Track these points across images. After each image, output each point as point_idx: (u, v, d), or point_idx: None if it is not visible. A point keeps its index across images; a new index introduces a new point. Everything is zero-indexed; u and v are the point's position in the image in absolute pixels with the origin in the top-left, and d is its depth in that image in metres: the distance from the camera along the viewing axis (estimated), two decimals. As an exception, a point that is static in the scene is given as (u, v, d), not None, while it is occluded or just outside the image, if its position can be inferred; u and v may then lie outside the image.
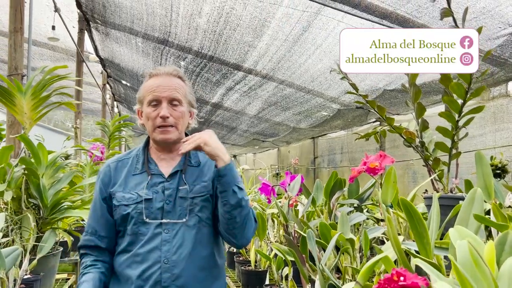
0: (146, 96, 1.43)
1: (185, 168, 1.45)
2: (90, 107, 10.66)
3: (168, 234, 1.36)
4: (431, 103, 4.48)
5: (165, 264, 1.33)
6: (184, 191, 1.40)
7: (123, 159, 1.50)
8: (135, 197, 1.38)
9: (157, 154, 1.48)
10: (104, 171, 1.47)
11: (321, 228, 1.45)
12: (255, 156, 13.50)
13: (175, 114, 1.42)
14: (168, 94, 1.41)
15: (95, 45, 6.35)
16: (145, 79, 1.49)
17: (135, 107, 1.50)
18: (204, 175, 1.46)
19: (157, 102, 1.41)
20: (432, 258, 1.05)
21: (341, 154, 7.66)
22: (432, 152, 1.95)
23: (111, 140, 4.46)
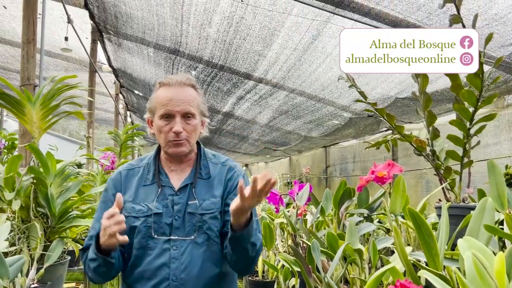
0: (158, 108, 1.39)
1: (195, 181, 1.42)
2: (104, 116, 10.79)
3: (177, 251, 1.33)
4: (443, 111, 4.42)
5: (174, 282, 1.31)
6: (193, 206, 1.37)
7: (134, 167, 1.47)
8: (145, 209, 1.36)
9: (168, 165, 1.45)
10: (116, 178, 1.45)
11: (328, 238, 1.42)
12: (267, 165, 13.48)
13: (188, 128, 1.39)
14: (182, 109, 1.37)
15: (108, 56, 6.43)
16: (155, 88, 1.46)
17: (145, 115, 1.47)
18: (214, 189, 1.42)
19: (170, 116, 1.38)
20: (441, 270, 1.01)
21: (353, 163, 7.61)
22: (443, 161, 1.92)
23: (123, 149, 4.49)
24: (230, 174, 1.47)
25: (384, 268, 1.05)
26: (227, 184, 1.45)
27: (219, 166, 1.48)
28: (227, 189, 1.44)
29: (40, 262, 1.72)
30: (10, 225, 1.37)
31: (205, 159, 1.49)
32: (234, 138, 9.24)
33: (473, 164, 1.88)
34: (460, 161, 1.82)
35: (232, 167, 1.50)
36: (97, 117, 10.15)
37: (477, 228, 1.09)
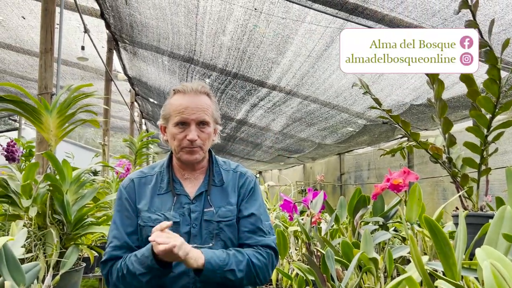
0: (173, 116, 1.40)
1: (210, 189, 1.42)
2: (119, 124, 10.92)
3: None
4: (459, 118, 4.36)
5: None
6: (209, 213, 1.38)
7: (146, 175, 1.47)
8: (162, 219, 1.35)
9: (181, 173, 1.46)
10: (129, 185, 1.45)
11: (343, 247, 1.41)
12: (281, 172, 13.44)
13: (202, 136, 1.40)
14: (197, 117, 1.38)
15: (123, 64, 6.52)
16: (170, 95, 1.47)
17: (159, 122, 1.48)
18: (230, 196, 1.43)
19: (185, 124, 1.39)
20: (459, 280, 0.99)
21: (368, 170, 7.54)
22: (460, 169, 1.88)
23: (138, 156, 4.53)
24: (242, 181, 1.48)
25: (400, 277, 1.03)
26: (240, 192, 1.46)
27: (231, 173, 1.49)
28: (240, 196, 1.45)
29: (56, 268, 1.74)
30: (27, 231, 1.39)
31: (217, 166, 1.50)
32: (248, 145, 9.25)
33: (491, 171, 1.84)
34: (478, 168, 1.79)
35: (244, 173, 1.51)
36: (112, 125, 10.28)
37: (495, 237, 1.07)
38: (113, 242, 1.38)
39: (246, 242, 1.40)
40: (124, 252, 1.35)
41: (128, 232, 1.38)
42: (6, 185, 1.78)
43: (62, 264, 1.71)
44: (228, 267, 1.28)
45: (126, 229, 1.38)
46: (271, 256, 1.39)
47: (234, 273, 1.29)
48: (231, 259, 1.30)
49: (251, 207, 1.44)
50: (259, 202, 1.48)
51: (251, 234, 1.40)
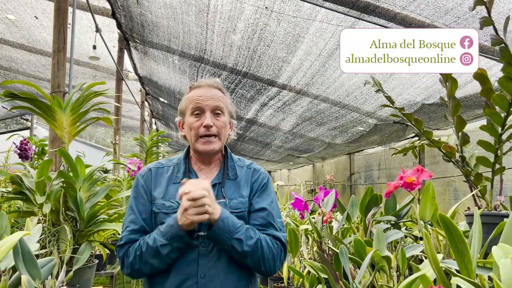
0: (189, 105, 1.46)
1: (224, 181, 1.46)
2: (130, 124, 11.00)
3: (205, 248, 1.35)
4: (472, 117, 4.32)
5: (202, 279, 1.33)
6: (222, 204, 1.39)
7: (164, 166, 1.51)
8: (175, 205, 1.38)
9: (198, 165, 1.50)
10: (146, 174, 1.49)
11: (355, 245, 1.40)
12: (290, 172, 13.43)
13: (218, 123, 1.44)
14: (211, 103, 1.44)
15: (134, 64, 6.56)
16: (186, 92, 1.53)
17: (176, 119, 1.54)
18: (242, 189, 1.46)
19: (200, 111, 1.44)
20: (474, 278, 0.98)
21: (379, 170, 7.50)
22: (473, 167, 1.87)
23: (148, 155, 4.56)
24: (256, 176, 1.52)
25: (414, 275, 1.03)
26: (253, 185, 1.49)
27: (244, 169, 1.53)
28: (253, 191, 1.48)
29: (69, 265, 1.76)
30: (41, 227, 1.40)
31: (232, 161, 1.54)
32: (257, 145, 9.25)
33: (505, 171, 1.82)
34: (492, 167, 1.77)
35: (257, 170, 1.55)
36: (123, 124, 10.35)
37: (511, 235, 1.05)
38: (130, 226, 1.41)
39: None
40: (140, 236, 1.38)
41: (144, 218, 1.41)
42: (21, 182, 1.80)
43: (76, 260, 1.73)
44: (238, 235, 1.31)
45: (142, 215, 1.41)
46: (280, 248, 1.41)
47: (241, 243, 1.31)
48: (243, 230, 1.33)
49: (263, 202, 1.46)
50: (271, 198, 1.50)
51: (263, 228, 1.42)
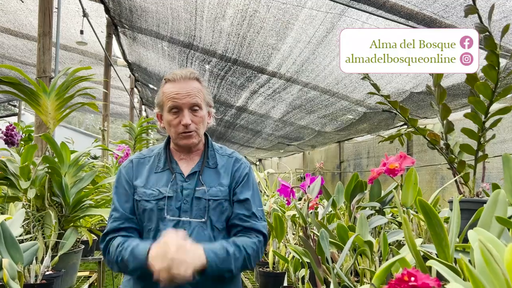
0: (166, 102, 1.46)
1: (202, 169, 1.48)
2: (119, 110, 10.91)
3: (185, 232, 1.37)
4: (459, 106, 4.36)
5: None
6: (201, 191, 1.44)
7: (145, 157, 1.54)
8: (156, 193, 1.43)
9: (178, 155, 1.52)
10: (128, 166, 1.52)
11: (338, 230, 1.42)
12: (281, 160, 13.47)
13: (196, 120, 1.45)
14: (188, 101, 1.44)
15: (122, 50, 6.49)
16: (161, 84, 1.53)
17: (155, 111, 1.55)
18: (222, 178, 1.49)
19: (177, 109, 1.44)
20: (451, 261, 1.00)
21: (368, 158, 7.55)
22: (457, 155, 1.89)
23: (137, 142, 4.54)
24: (237, 165, 1.54)
25: (393, 258, 1.05)
26: (234, 175, 1.51)
27: (225, 158, 1.56)
28: (234, 180, 1.51)
29: (55, 250, 1.76)
30: (25, 212, 1.40)
31: (212, 150, 1.56)
32: (248, 132, 9.25)
33: (489, 159, 1.85)
34: (475, 155, 1.80)
35: (239, 159, 1.57)
36: (112, 111, 10.27)
37: (489, 220, 1.08)
38: (113, 215, 1.45)
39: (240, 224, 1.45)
40: (122, 223, 1.42)
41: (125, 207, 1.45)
42: (5, 167, 1.79)
43: (61, 246, 1.73)
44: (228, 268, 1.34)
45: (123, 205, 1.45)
46: (261, 243, 1.46)
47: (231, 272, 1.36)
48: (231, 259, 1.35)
49: (246, 192, 1.49)
50: (253, 188, 1.54)
51: (246, 218, 1.46)
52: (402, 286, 0.71)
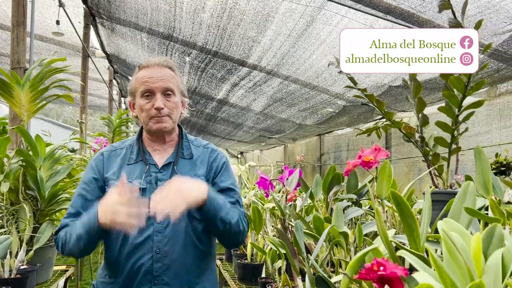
0: (139, 87, 1.42)
1: (177, 160, 1.46)
2: (98, 102, 10.74)
3: (160, 224, 1.37)
4: (436, 100, 4.44)
5: (157, 254, 1.34)
6: None
7: (116, 149, 1.51)
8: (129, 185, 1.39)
9: (151, 145, 1.49)
10: (98, 158, 1.48)
11: (314, 221, 1.44)
12: (262, 152, 13.50)
13: (169, 104, 1.42)
14: (161, 85, 1.41)
15: (101, 41, 6.37)
16: (135, 72, 1.49)
17: (127, 99, 1.51)
18: (197, 169, 1.47)
19: (150, 93, 1.41)
20: (422, 251, 1.03)
21: (347, 151, 7.63)
22: (432, 147, 1.93)
23: (116, 134, 4.48)
24: (214, 156, 1.52)
25: (366, 249, 1.07)
26: (212, 165, 1.50)
27: (201, 149, 1.54)
28: (212, 170, 1.49)
29: (30, 244, 1.73)
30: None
31: (187, 141, 1.53)
32: (229, 125, 9.23)
33: (465, 152, 1.90)
34: (448, 147, 1.84)
35: (215, 150, 1.56)
36: (91, 103, 10.10)
37: (458, 211, 1.11)
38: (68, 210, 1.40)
39: None
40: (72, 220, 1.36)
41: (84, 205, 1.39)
42: (-23, 160, 1.75)
43: (36, 240, 1.71)
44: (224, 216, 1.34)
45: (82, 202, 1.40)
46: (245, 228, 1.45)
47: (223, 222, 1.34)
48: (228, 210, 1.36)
49: (227, 180, 1.49)
50: (233, 177, 1.53)
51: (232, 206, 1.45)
52: (371, 275, 0.73)
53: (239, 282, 2.09)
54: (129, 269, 1.34)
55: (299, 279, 1.26)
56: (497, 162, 2.70)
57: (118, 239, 1.37)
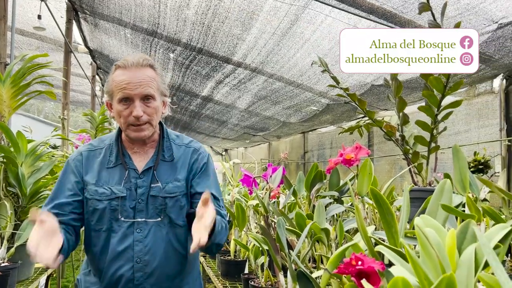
0: (116, 92, 1.34)
1: (157, 164, 1.40)
2: (80, 98, 10.58)
3: (140, 233, 1.34)
4: (417, 99, 4.51)
5: (138, 264, 1.33)
6: (156, 189, 1.36)
7: (95, 148, 1.43)
8: (108, 192, 1.34)
9: (131, 147, 1.42)
10: (77, 158, 1.41)
11: (296, 218, 1.46)
12: (246, 150, 13.52)
13: (148, 111, 1.34)
14: (140, 91, 1.32)
15: (83, 36, 6.29)
16: (111, 71, 1.40)
17: (104, 99, 1.44)
18: (178, 172, 1.41)
19: (128, 100, 1.33)
20: (400, 247, 1.06)
21: (331, 149, 7.70)
22: (412, 146, 1.98)
23: (98, 131, 4.44)
24: (195, 157, 1.46)
25: (346, 244, 1.10)
26: (192, 167, 1.44)
27: (183, 148, 1.47)
28: (192, 172, 1.43)
29: (11, 241, 1.72)
30: (-22, 203, 1.36)
31: (168, 141, 1.46)
32: (213, 122, 9.22)
33: (444, 150, 1.94)
34: (428, 146, 1.88)
35: (197, 149, 1.48)
36: (73, 99, 9.95)
37: (435, 208, 1.14)
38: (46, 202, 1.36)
39: None
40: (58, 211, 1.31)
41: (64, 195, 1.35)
42: (-43, 156, 1.72)
43: (17, 237, 1.69)
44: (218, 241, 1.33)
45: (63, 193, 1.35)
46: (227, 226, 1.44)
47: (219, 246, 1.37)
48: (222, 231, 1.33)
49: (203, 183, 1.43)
50: (211, 178, 1.47)
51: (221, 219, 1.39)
52: (350, 269, 0.75)
53: (222, 278, 2.11)
54: (110, 277, 1.32)
55: (281, 275, 1.28)
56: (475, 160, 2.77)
57: (98, 246, 1.35)
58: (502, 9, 2.73)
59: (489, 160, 2.78)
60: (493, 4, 2.71)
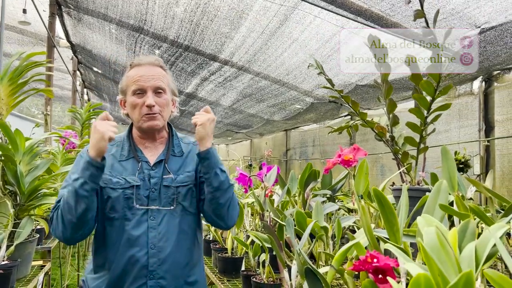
0: (130, 85, 1.45)
1: (168, 157, 1.49)
2: (59, 93, 10.38)
3: (154, 221, 1.40)
4: (401, 99, 4.63)
5: (152, 250, 1.38)
6: (168, 180, 1.45)
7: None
8: (122, 182, 1.41)
9: (142, 142, 1.51)
10: None
11: (297, 216, 1.52)
12: (228, 147, 13.53)
13: (160, 102, 1.45)
14: (153, 83, 1.44)
15: (66, 30, 6.18)
16: (126, 70, 1.52)
17: (118, 97, 1.53)
18: (188, 165, 1.51)
19: (141, 92, 1.44)
20: (400, 244, 1.13)
21: (313, 146, 7.80)
22: (401, 146, 2.05)
23: (84, 128, 4.40)
24: None
25: (350, 243, 1.16)
26: None
27: (190, 145, 1.58)
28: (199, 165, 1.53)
29: (10, 239, 1.72)
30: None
31: (177, 139, 1.58)
32: (196, 119, 9.18)
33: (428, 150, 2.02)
34: (417, 146, 1.96)
35: None
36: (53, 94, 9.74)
37: (433, 207, 1.21)
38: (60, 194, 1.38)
39: None
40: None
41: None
42: (-47, 154, 1.71)
43: (17, 235, 1.69)
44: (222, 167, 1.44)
45: None
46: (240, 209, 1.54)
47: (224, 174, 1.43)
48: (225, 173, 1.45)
49: None
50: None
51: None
52: (366, 266, 0.81)
53: (219, 275, 2.15)
54: (125, 263, 1.36)
55: (285, 271, 1.34)
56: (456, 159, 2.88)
57: (111, 235, 1.40)
58: (485, 15, 2.84)
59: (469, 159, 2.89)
60: (476, 10, 2.81)
